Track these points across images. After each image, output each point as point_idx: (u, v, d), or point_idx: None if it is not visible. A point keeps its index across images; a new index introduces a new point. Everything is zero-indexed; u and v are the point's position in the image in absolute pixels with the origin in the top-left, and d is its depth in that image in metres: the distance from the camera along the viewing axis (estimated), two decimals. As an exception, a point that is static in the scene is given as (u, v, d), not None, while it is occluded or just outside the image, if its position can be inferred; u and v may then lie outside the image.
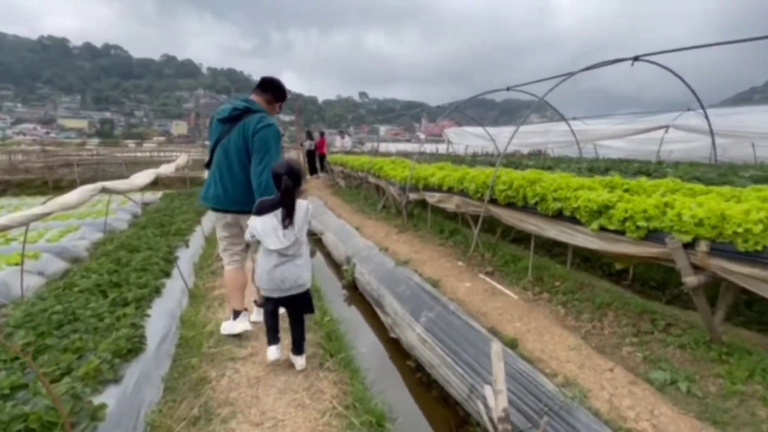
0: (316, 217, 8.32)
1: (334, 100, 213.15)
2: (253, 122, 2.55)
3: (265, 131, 2.54)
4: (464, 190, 4.32)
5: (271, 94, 2.77)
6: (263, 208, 2.26)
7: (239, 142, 2.58)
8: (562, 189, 3.12)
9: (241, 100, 2.68)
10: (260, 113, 2.62)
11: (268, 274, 2.27)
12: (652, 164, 7.05)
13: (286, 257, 2.27)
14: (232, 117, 2.62)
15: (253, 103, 2.66)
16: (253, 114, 2.60)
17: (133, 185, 4.04)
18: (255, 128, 2.53)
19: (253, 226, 2.25)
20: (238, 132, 2.58)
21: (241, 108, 2.62)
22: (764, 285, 1.98)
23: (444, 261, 4.42)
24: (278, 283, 2.28)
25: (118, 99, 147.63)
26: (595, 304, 3.18)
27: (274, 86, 2.79)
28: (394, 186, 6.49)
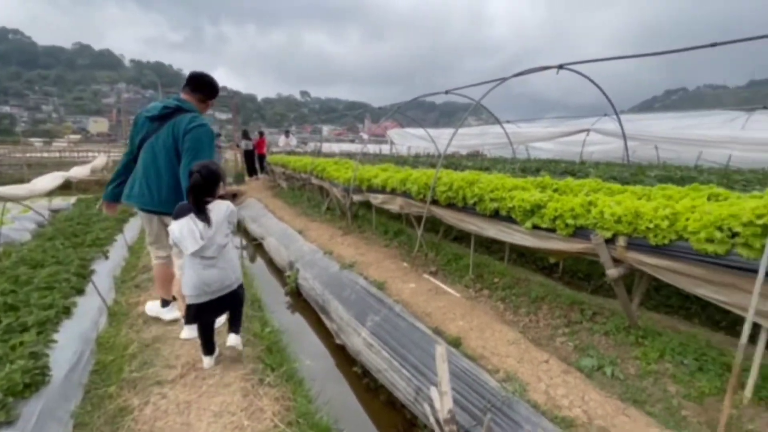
0: (256, 220, 7.94)
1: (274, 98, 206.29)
2: (184, 122, 2.51)
3: (198, 131, 2.50)
4: (407, 191, 4.35)
5: (202, 92, 2.71)
6: (181, 211, 2.23)
7: (168, 142, 2.53)
8: (499, 189, 3.25)
9: (173, 99, 2.64)
10: (192, 113, 2.58)
11: (196, 278, 2.25)
12: (576, 164, 7.69)
13: (209, 260, 2.26)
14: (162, 115, 2.57)
15: (184, 102, 2.62)
16: (185, 113, 2.56)
17: (33, 191, 3.50)
18: (186, 128, 2.49)
19: (171, 230, 2.21)
20: (167, 131, 2.54)
21: (172, 107, 2.57)
22: (671, 274, 2.21)
23: (389, 262, 4.41)
24: (204, 287, 2.27)
25: (20, 91, 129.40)
26: (531, 298, 3.36)
27: (205, 84, 2.72)
28: (338, 187, 6.38)
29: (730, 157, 7.07)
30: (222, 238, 2.30)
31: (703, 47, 3.22)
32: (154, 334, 2.96)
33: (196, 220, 2.20)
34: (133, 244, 5.65)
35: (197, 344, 2.72)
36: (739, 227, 1.88)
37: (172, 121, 2.54)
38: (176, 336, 2.92)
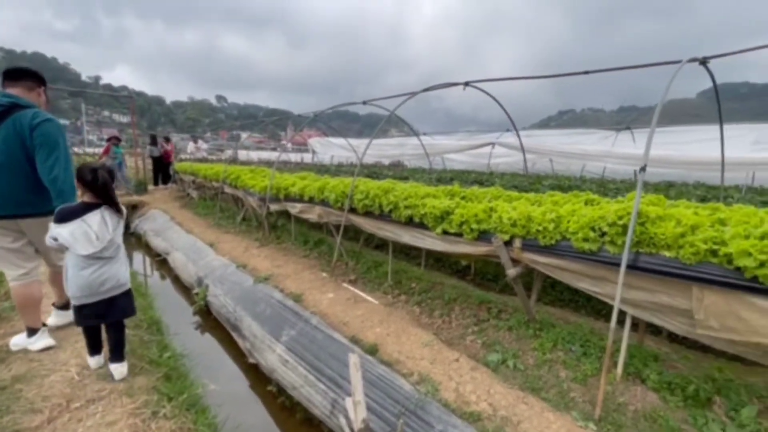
0: (159, 234, 7.16)
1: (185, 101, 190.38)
2: (27, 118, 2.36)
3: (46, 126, 2.38)
4: (325, 199, 4.29)
5: (28, 80, 2.53)
6: (67, 214, 2.20)
7: (13, 141, 2.36)
8: (412, 197, 3.36)
9: (4, 96, 2.41)
10: (32, 108, 2.43)
11: (84, 279, 2.22)
12: (485, 175, 8.38)
13: (104, 260, 2.26)
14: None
15: (18, 99, 2.43)
16: (24, 109, 2.39)
17: None
18: (32, 124, 2.36)
19: (58, 234, 2.17)
20: (8, 130, 2.36)
21: (6, 104, 2.37)
22: (558, 271, 2.48)
23: (308, 273, 4.28)
24: (96, 286, 2.24)
25: None
26: (444, 301, 3.51)
27: (25, 72, 2.54)
28: (254, 197, 6.06)
29: (604, 168, 8.30)
30: (119, 236, 2.35)
31: (579, 74, 3.76)
32: (15, 372, 2.45)
33: (89, 222, 2.21)
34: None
35: (72, 379, 2.32)
36: (606, 227, 2.19)
37: (12, 119, 2.36)
38: (46, 372, 2.45)
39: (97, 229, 2.22)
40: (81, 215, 2.21)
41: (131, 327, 3.10)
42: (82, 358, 2.62)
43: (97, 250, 2.21)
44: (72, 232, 2.17)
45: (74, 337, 2.90)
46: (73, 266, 2.23)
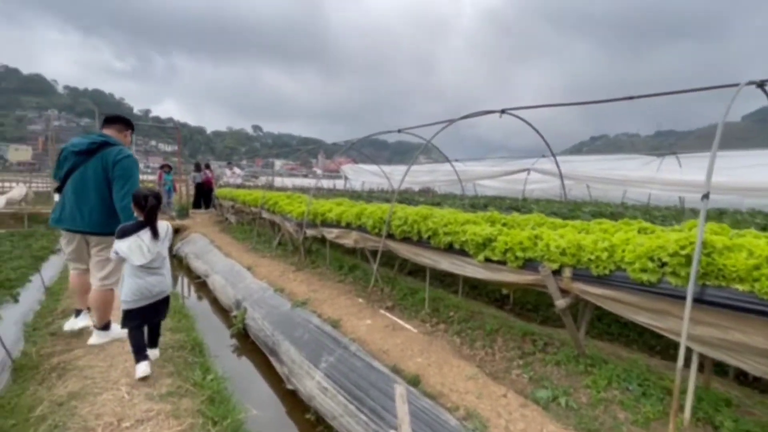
0: (200, 257, 7.44)
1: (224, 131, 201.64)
2: (112, 154, 2.90)
3: (125, 161, 2.92)
4: (362, 225, 4.33)
5: (119, 124, 3.18)
6: (126, 231, 2.62)
7: (99, 172, 2.89)
8: (452, 224, 3.34)
9: (98, 135, 3.03)
10: (118, 146, 2.99)
11: (136, 286, 2.62)
12: (519, 201, 8.22)
13: (153, 269, 2.68)
14: (90, 149, 2.92)
15: (109, 138, 3.01)
16: (111, 147, 2.95)
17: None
18: (115, 159, 2.89)
19: (119, 248, 2.59)
20: (96, 163, 2.89)
21: (99, 142, 2.95)
22: (612, 302, 2.35)
23: (344, 299, 4.28)
24: (146, 292, 2.65)
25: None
26: (486, 331, 3.39)
27: (118, 118, 3.23)
28: (291, 222, 6.22)
29: (650, 195, 7.94)
30: (164, 250, 2.77)
31: (622, 99, 3.67)
32: (71, 389, 2.55)
33: (142, 237, 2.61)
34: (51, 284, 4.99)
35: (122, 398, 2.39)
36: (666, 257, 2.07)
37: (101, 154, 2.91)
38: (98, 390, 2.54)
39: (149, 243, 2.63)
40: (136, 232, 2.62)
41: (177, 348, 3.19)
42: (130, 377, 2.71)
43: (148, 261, 2.62)
44: (129, 245, 2.59)
45: (124, 356, 3.01)
46: (129, 275, 2.64)
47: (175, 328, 3.64)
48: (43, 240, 6.88)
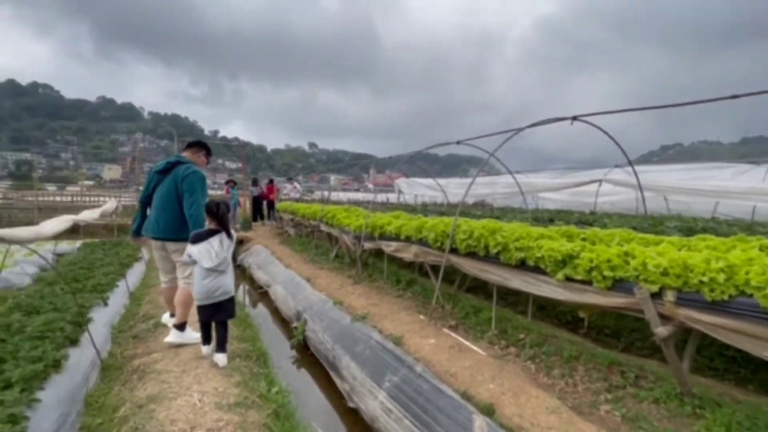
0: (262, 267, 7.73)
1: (283, 149, 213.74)
2: (181, 171, 3.30)
3: (192, 177, 3.28)
4: (423, 239, 4.19)
5: (194, 147, 3.60)
6: (198, 238, 2.96)
7: (171, 187, 3.30)
8: (524, 238, 3.09)
9: (174, 156, 3.50)
10: (187, 164, 3.37)
11: (203, 287, 2.95)
12: (587, 215, 7.58)
13: (217, 272, 2.98)
14: (167, 168, 3.37)
15: (182, 158, 3.44)
16: (182, 165, 3.36)
17: (39, 233, 3.39)
18: (183, 175, 3.27)
19: (191, 251, 2.94)
20: (170, 179, 3.31)
21: (173, 161, 3.40)
22: (733, 334, 1.97)
23: (404, 314, 4.14)
24: (212, 292, 2.96)
25: (41, 139, 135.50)
26: (563, 358, 3.06)
27: (196, 142, 3.68)
28: (348, 235, 6.25)
29: (754, 208, 6.92)
30: (230, 256, 3.08)
31: (724, 99, 3.20)
32: (149, 392, 2.67)
33: (212, 243, 2.94)
34: (134, 290, 5.43)
35: (195, 405, 2.45)
36: (812, 282, 1.69)
37: (174, 172, 3.33)
38: (173, 395, 2.63)
39: (217, 248, 2.94)
40: (207, 238, 2.95)
41: (243, 357, 3.25)
42: (201, 384, 2.78)
43: (215, 264, 2.92)
44: (200, 250, 2.92)
45: (195, 363, 3.12)
46: (198, 276, 2.98)
47: (241, 337, 3.74)
48: (129, 249, 7.58)
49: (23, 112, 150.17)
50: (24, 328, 3.22)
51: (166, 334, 3.69)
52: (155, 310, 4.50)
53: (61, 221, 4.12)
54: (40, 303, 3.93)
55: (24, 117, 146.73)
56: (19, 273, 6.15)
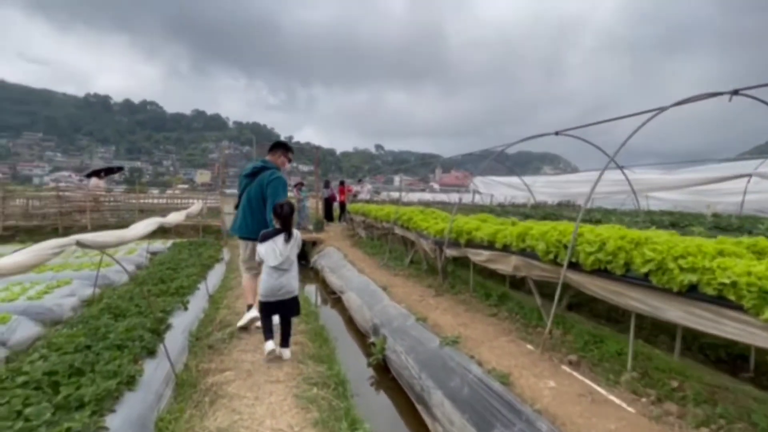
0: (335, 271, 7.47)
1: (351, 152, 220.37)
2: (266, 176, 3.55)
3: (275, 182, 3.52)
4: (528, 249, 3.44)
5: (279, 150, 3.82)
6: (266, 236, 3.09)
7: (258, 191, 3.57)
8: (693, 255, 2.22)
9: (260, 161, 3.76)
10: (272, 169, 3.60)
11: (269, 284, 3.06)
12: (731, 217, 6.07)
13: (282, 271, 3.06)
14: (253, 173, 3.64)
15: (267, 162, 3.69)
16: (267, 170, 3.60)
17: (123, 238, 3.34)
18: (268, 180, 3.52)
19: (258, 250, 3.09)
20: (257, 183, 3.58)
21: (259, 166, 3.66)
22: None
23: (505, 341, 3.42)
24: (276, 290, 3.05)
25: (149, 149, 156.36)
26: (757, 427, 2.12)
27: (280, 145, 3.89)
28: (427, 240, 5.65)
29: None
30: (293, 255, 3.14)
31: None
32: (220, 423, 2.34)
33: (276, 242, 3.04)
34: (214, 293, 5.42)
35: None
36: None
37: (260, 176, 3.60)
38: (245, 429, 2.27)
39: (281, 247, 3.05)
40: (272, 237, 3.07)
41: (320, 385, 2.82)
42: (275, 418, 2.39)
43: (279, 263, 3.02)
44: (266, 249, 3.05)
45: (269, 387, 2.76)
46: (264, 274, 3.11)
47: (317, 356, 3.34)
48: (211, 249, 7.84)
49: (136, 126, 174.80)
50: (108, 333, 3.15)
51: (239, 347, 3.46)
52: (231, 316, 4.35)
53: (147, 224, 4.14)
54: (127, 306, 3.95)
55: (136, 131, 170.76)
56: (118, 271, 6.59)
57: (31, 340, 3.91)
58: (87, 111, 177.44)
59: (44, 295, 4.85)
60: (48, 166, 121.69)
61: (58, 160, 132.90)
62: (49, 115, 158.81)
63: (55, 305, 4.60)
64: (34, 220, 10.83)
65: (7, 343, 3.66)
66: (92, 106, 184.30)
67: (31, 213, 10.59)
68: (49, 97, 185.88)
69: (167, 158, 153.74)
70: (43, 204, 10.86)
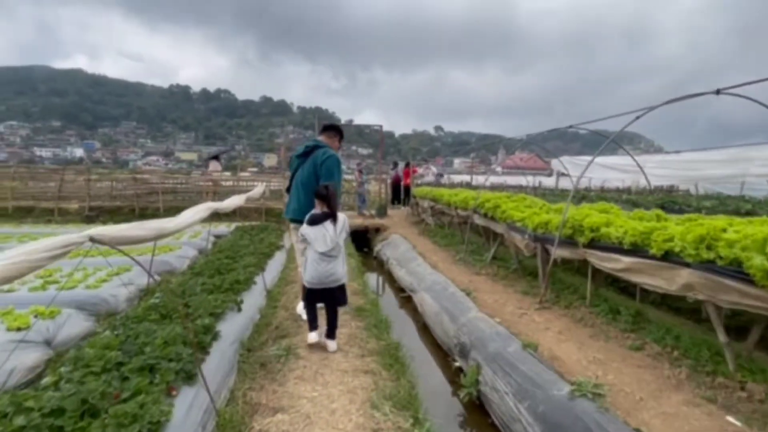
0: (403, 264, 6.61)
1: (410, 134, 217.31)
2: (319, 155, 3.43)
3: (329, 161, 3.41)
4: (717, 261, 2.21)
5: (330, 131, 3.68)
6: (315, 219, 2.93)
7: (311, 171, 3.44)
8: None
9: (312, 140, 3.62)
10: (324, 148, 3.49)
11: (315, 271, 2.90)
12: None
13: (330, 258, 2.90)
14: (306, 152, 3.52)
15: (319, 142, 3.56)
16: (320, 149, 3.49)
17: (163, 230, 2.75)
18: (321, 159, 3.41)
19: (305, 232, 2.93)
20: (309, 163, 3.46)
21: (312, 146, 3.54)
22: None
23: (678, 401, 2.26)
24: (323, 277, 2.90)
25: (223, 135, 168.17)
26: None
27: (332, 127, 3.76)
28: (522, 234, 4.51)
29: None
30: (341, 241, 2.98)
31: None
32: None
33: (326, 227, 2.88)
34: (272, 287, 4.84)
35: None
36: None
37: (313, 156, 3.45)
38: None
39: (331, 233, 2.86)
40: (323, 222, 2.88)
41: None
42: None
43: (328, 249, 2.84)
44: (315, 233, 2.86)
45: (330, 406, 1.95)
46: (311, 260, 2.91)
47: (395, 398, 2.46)
48: (272, 235, 7.39)
49: (212, 113, 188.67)
50: (144, 346, 2.57)
51: (297, 370, 2.73)
52: (289, 322, 3.67)
53: (196, 211, 3.62)
54: (174, 305, 3.44)
55: (212, 117, 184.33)
56: (180, 256, 6.36)
57: (79, 337, 3.56)
58: (171, 100, 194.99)
59: (102, 283, 4.60)
60: (141, 152, 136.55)
61: (148, 145, 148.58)
62: (140, 105, 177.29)
63: (111, 296, 4.28)
64: (117, 201, 11.42)
65: (53, 342, 3.31)
66: (175, 95, 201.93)
67: (113, 195, 11.16)
68: (141, 89, 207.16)
69: (239, 143, 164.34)
70: (124, 186, 11.41)
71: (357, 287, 4.83)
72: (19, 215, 9.97)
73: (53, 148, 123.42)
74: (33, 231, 8.45)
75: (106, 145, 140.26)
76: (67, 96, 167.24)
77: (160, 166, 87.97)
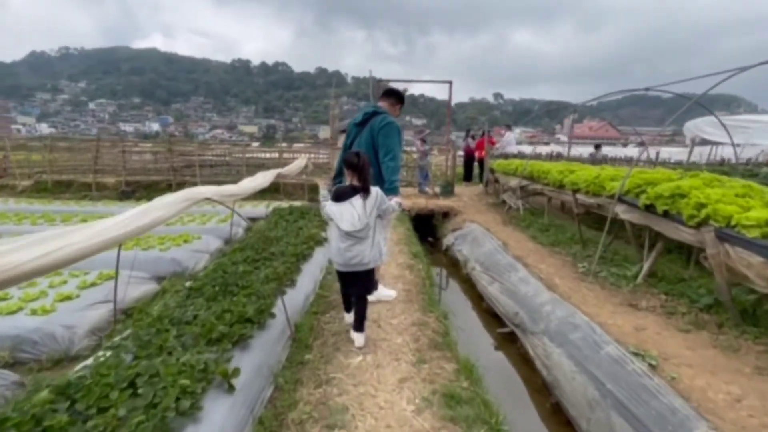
0: (491, 271, 4.63)
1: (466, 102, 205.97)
2: (377, 121, 3.11)
3: (388, 127, 3.07)
4: None
5: (392, 98, 3.32)
6: (341, 194, 2.54)
7: (368, 139, 3.12)
8: None
9: (371, 106, 3.30)
10: (383, 114, 3.16)
11: (340, 252, 2.55)
12: None
13: (356, 239, 2.52)
14: (364, 120, 3.22)
15: (378, 108, 3.22)
16: (378, 115, 3.15)
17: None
18: (380, 126, 3.08)
19: (330, 209, 2.55)
20: (367, 131, 3.15)
21: (370, 112, 3.23)
22: None
23: None
24: (348, 259, 2.54)
25: (281, 108, 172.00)
26: None
27: (393, 92, 3.37)
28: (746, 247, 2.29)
29: None
30: (372, 219, 2.54)
31: None
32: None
33: (354, 204, 2.48)
34: (300, 319, 3.14)
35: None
36: None
37: (371, 123, 3.15)
38: None
39: (360, 211, 2.50)
40: (350, 197, 2.51)
41: None
42: None
43: (356, 229, 2.48)
44: (341, 210, 2.51)
45: None
46: (335, 238, 2.62)
47: None
48: (314, 222, 5.73)
49: (270, 86, 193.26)
50: (154, 377, 0.98)
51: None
52: (319, 408, 1.92)
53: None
54: (193, 311, 1.90)
55: (271, 90, 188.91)
56: (196, 251, 4.93)
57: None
58: (233, 75, 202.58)
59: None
60: (208, 125, 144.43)
61: (215, 119, 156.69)
62: (207, 80, 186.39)
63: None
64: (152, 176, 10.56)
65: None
66: (237, 70, 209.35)
67: (147, 167, 10.31)
68: (208, 66, 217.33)
69: (296, 115, 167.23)
70: (157, 158, 10.51)
71: (426, 310, 3.01)
72: (59, 190, 9.48)
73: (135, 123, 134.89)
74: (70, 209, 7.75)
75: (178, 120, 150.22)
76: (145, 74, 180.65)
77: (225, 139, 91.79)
